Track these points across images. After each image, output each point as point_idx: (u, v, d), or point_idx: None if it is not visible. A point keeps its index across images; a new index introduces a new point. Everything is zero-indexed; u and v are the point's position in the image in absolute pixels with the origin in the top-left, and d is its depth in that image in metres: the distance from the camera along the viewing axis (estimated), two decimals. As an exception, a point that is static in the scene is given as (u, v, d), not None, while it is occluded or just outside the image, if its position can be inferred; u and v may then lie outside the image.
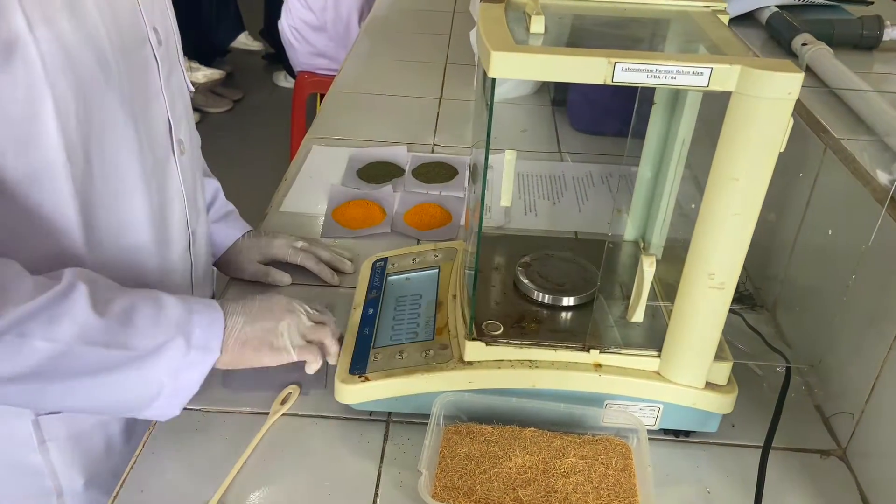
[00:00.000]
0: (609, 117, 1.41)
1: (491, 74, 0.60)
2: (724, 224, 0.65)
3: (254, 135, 3.47)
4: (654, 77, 0.60)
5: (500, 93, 1.57)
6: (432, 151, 1.36)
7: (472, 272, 0.77)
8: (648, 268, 0.70)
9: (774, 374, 0.84)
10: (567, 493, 0.68)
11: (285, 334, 0.77)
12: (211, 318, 0.73)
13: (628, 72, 0.60)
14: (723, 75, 0.60)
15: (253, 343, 0.75)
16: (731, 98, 0.61)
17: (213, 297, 1.01)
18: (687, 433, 0.80)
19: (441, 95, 1.59)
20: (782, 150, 0.62)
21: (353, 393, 0.77)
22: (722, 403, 0.75)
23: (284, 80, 3.89)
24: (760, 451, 0.78)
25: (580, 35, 0.72)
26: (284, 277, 0.98)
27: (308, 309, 0.81)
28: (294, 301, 0.81)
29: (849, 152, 0.82)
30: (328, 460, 0.76)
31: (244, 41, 3.77)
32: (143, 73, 0.76)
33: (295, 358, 0.77)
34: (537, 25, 0.66)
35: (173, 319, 0.70)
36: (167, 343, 0.69)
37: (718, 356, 0.74)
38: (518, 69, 0.61)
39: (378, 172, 1.26)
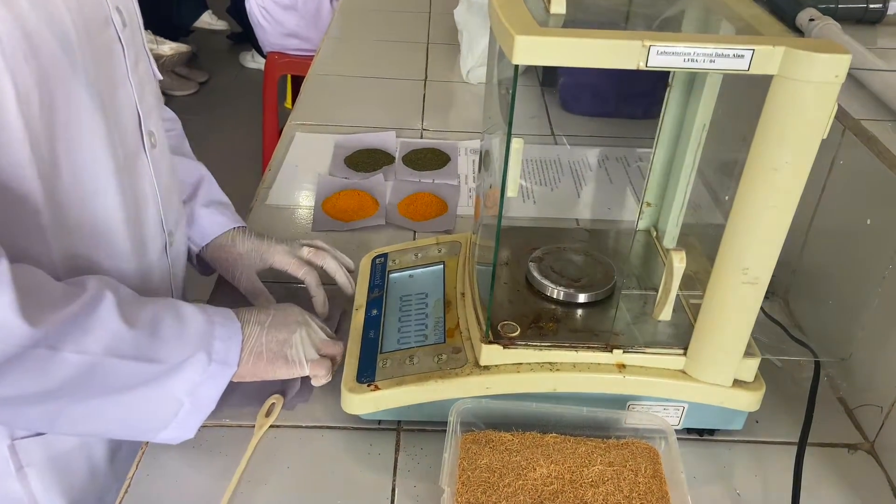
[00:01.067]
0: (603, 99, 1.37)
1: (515, 61, 0.55)
2: (760, 217, 0.61)
3: (222, 118, 3.36)
4: (692, 61, 0.55)
5: (481, 73, 1.51)
6: (421, 136, 1.30)
7: (485, 268, 0.72)
8: (679, 264, 0.66)
9: (795, 365, 0.81)
10: (597, 505, 0.64)
11: (299, 346, 0.74)
12: (231, 330, 0.70)
13: (663, 55, 0.55)
14: (765, 58, 0.55)
15: (268, 355, 0.72)
16: (773, 82, 0.57)
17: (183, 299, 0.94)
18: (711, 431, 0.77)
19: (426, 77, 1.53)
20: (825, 138, 0.58)
21: (363, 403, 0.72)
22: (750, 401, 0.72)
23: (252, 61, 3.77)
24: (787, 447, 0.76)
25: (603, 14, 0.67)
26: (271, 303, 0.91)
27: (321, 322, 0.79)
28: (307, 313, 0.78)
29: (871, 134, 0.79)
30: (337, 475, 0.71)
31: (208, 20, 3.63)
32: (107, 58, 0.69)
33: (307, 372, 0.74)
34: (558, 5, 0.61)
35: (197, 331, 0.67)
36: (191, 357, 0.66)
37: (746, 352, 0.70)
38: (544, 55, 0.55)
39: (367, 160, 1.20)
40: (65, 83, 0.63)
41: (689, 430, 0.76)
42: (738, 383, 0.71)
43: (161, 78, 0.83)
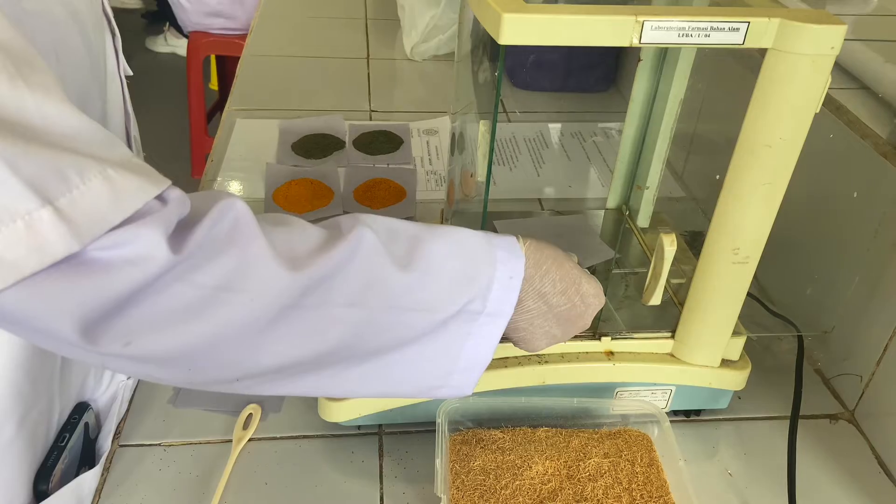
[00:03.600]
0: (552, 73, 1.34)
1: (502, 41, 0.51)
2: (752, 195, 0.60)
3: (142, 101, 3.18)
4: (686, 36, 0.53)
5: (425, 49, 1.47)
6: (370, 118, 1.24)
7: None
8: (669, 247, 0.64)
9: (774, 340, 0.81)
10: (599, 500, 0.62)
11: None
12: (512, 270, 0.55)
13: (657, 31, 0.52)
14: (760, 30, 0.53)
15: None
16: (767, 56, 0.55)
17: None
18: (698, 412, 0.76)
19: (368, 55, 1.47)
20: (818, 112, 0.56)
21: (343, 409, 0.68)
22: (737, 380, 0.71)
23: (165, 44, 3.57)
24: (771, 421, 0.76)
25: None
26: None
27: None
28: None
29: (840, 103, 0.79)
30: (320, 486, 0.67)
31: (120, -1, 3.43)
32: (102, 51, 0.61)
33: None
34: (538, -21, 0.57)
35: (475, 273, 0.54)
36: (467, 305, 0.54)
37: (733, 331, 0.69)
38: (533, 34, 0.51)
39: (316, 146, 1.14)
40: (85, 80, 0.56)
41: (675, 412, 0.75)
42: (725, 363, 0.71)
43: (131, 73, 0.74)
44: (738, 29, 0.53)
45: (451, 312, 0.53)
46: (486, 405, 0.68)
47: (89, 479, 0.65)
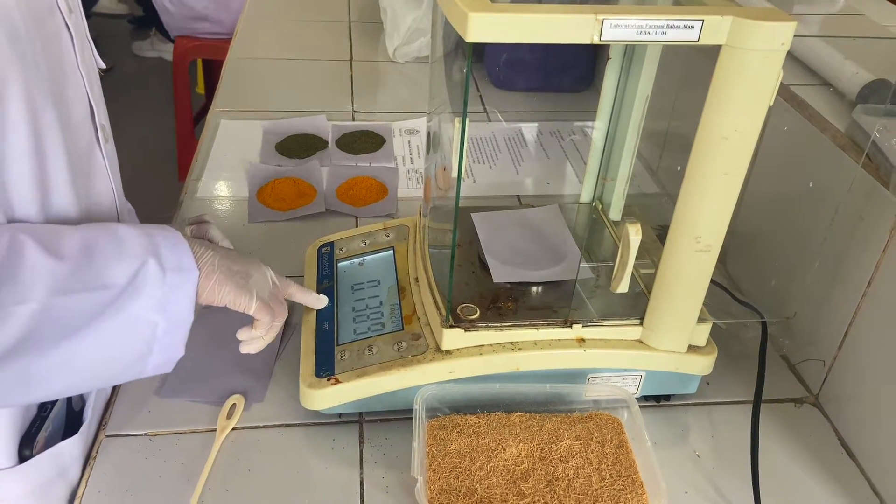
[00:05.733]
0: (531, 74, 1.37)
1: (469, 39, 0.54)
2: (712, 185, 0.62)
3: (128, 106, 3.19)
4: (644, 33, 0.55)
5: (408, 51, 1.49)
6: (353, 119, 1.27)
7: (439, 251, 0.71)
8: (635, 236, 0.66)
9: (738, 326, 0.83)
10: (569, 479, 0.64)
11: (256, 281, 0.67)
12: (173, 238, 0.63)
13: (616, 28, 0.55)
14: (714, 28, 0.56)
15: (220, 276, 0.64)
16: (722, 52, 0.57)
17: None
18: (667, 397, 0.79)
19: (351, 57, 1.49)
20: (771, 105, 0.59)
21: (324, 397, 0.70)
22: (704, 365, 0.74)
23: (151, 49, 3.59)
24: (737, 405, 0.79)
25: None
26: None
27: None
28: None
29: (801, 99, 0.82)
30: (301, 473, 0.69)
31: (107, 5, 3.45)
32: (56, 47, 0.63)
33: (254, 308, 0.67)
34: (505, -20, 0.59)
35: (136, 245, 0.60)
36: (140, 270, 0.59)
37: (699, 318, 0.72)
38: (499, 31, 0.54)
39: (299, 146, 1.16)
40: (16, 77, 0.57)
41: (646, 398, 0.78)
42: (692, 348, 0.73)
43: (104, 66, 0.76)
44: (692, 26, 0.56)
45: (124, 281, 0.58)
46: (462, 392, 0.71)
47: (69, 446, 0.68)
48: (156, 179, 1.02)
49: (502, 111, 1.33)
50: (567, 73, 1.38)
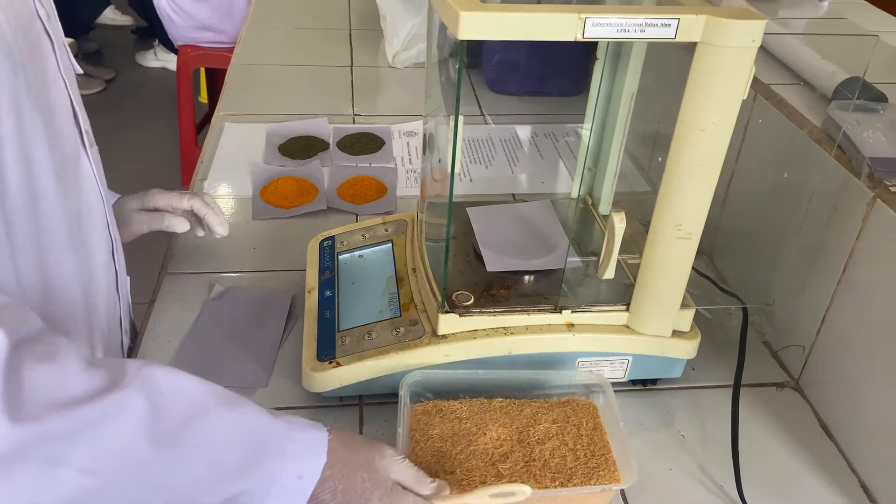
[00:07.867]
0: (526, 78, 1.41)
1: (461, 37, 0.58)
2: (690, 175, 0.66)
3: (132, 116, 3.24)
4: (624, 31, 0.59)
5: (407, 57, 1.53)
6: (353, 122, 1.31)
7: (436, 244, 0.75)
8: (619, 224, 0.70)
9: (723, 315, 0.87)
10: (545, 460, 0.67)
11: None
12: (303, 467, 0.56)
13: (598, 27, 0.59)
14: (689, 26, 0.60)
15: None
16: (697, 49, 0.61)
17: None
18: (654, 381, 0.82)
19: (352, 63, 1.54)
20: (745, 98, 0.63)
21: (326, 380, 0.73)
22: (688, 349, 0.77)
23: (155, 59, 3.64)
24: (722, 389, 0.82)
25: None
26: (182, 223, 0.87)
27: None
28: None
29: (781, 97, 0.86)
30: (305, 452, 0.73)
31: (111, 16, 3.49)
32: (39, 54, 0.64)
33: None
34: (494, -17, 0.63)
35: (252, 465, 0.54)
36: (237, 498, 0.53)
37: (682, 304, 0.75)
38: (488, 29, 0.58)
39: (301, 147, 1.20)
40: (6, 86, 0.58)
41: (633, 382, 0.81)
42: (676, 333, 0.77)
43: (81, 72, 0.79)
44: (669, 25, 0.60)
45: (213, 502, 0.52)
46: (446, 378, 0.73)
47: None
48: (160, 180, 1.06)
49: (498, 114, 1.37)
50: (561, 77, 1.42)
